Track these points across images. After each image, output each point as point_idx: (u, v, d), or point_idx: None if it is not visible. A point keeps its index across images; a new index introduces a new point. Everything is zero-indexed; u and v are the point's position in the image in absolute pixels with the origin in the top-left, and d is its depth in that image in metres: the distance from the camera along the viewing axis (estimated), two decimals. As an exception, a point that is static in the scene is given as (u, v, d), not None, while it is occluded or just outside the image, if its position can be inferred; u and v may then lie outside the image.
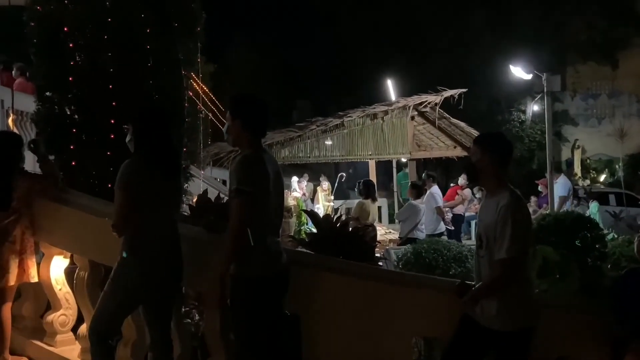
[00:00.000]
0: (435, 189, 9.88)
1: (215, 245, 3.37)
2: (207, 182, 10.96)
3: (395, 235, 10.91)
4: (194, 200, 4.51)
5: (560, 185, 11.20)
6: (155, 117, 3.42)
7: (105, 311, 3.29)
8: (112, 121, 4.69)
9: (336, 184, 15.81)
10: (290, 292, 3.18)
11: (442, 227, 9.73)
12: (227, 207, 3.13)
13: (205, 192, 4.40)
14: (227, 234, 2.97)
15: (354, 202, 10.05)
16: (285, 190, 10.92)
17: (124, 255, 3.25)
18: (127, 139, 3.37)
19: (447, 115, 13.58)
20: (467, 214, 12.99)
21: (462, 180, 12.53)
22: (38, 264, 4.28)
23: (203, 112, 10.86)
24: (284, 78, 25.78)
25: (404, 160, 15.59)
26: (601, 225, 6.59)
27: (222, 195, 4.36)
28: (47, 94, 4.94)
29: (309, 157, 12.33)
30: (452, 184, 13.94)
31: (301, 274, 3.35)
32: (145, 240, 3.26)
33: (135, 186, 3.19)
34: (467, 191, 12.48)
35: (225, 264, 2.96)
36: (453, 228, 11.40)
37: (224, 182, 15.22)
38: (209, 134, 14.65)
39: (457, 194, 12.40)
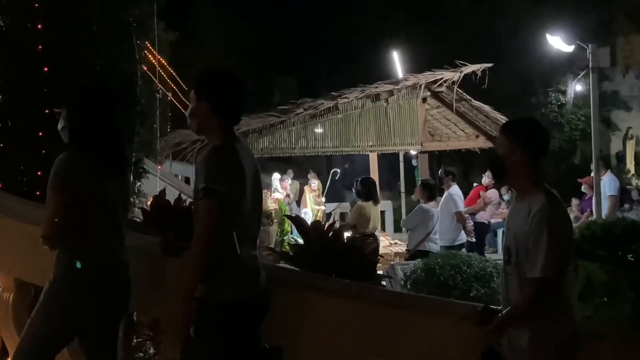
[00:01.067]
0: (455, 190, 9.90)
1: (176, 260, 3.35)
2: (165, 179, 10.91)
3: (402, 247, 10.89)
4: (149, 202, 4.49)
5: (607, 184, 11.25)
6: (97, 98, 3.40)
7: (33, 342, 3.27)
8: (46, 107, 4.67)
9: (328, 183, 15.82)
10: (270, 319, 3.18)
11: (463, 237, 9.76)
12: (191, 211, 3.12)
13: (163, 192, 4.38)
14: (193, 246, 2.96)
15: (350, 206, 10.04)
16: (264, 191, 10.93)
17: (59, 272, 3.23)
18: (60, 126, 3.35)
19: (468, 96, 13.60)
20: (492, 221, 13.03)
21: (486, 179, 12.56)
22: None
23: (160, 91, 10.81)
24: (263, 49, 25.73)
25: (413, 152, 15.62)
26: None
27: (184, 197, 4.34)
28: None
29: (294, 148, 12.29)
30: (474, 184, 13.97)
31: (284, 296, 3.35)
32: (85, 254, 3.24)
33: (72, 186, 3.17)
34: (493, 192, 12.52)
35: (189, 284, 2.95)
36: (474, 239, 11.43)
37: (187, 180, 15.23)
38: (168, 118, 14.61)
39: (479, 196, 12.45)
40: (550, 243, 2.89)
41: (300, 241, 4.27)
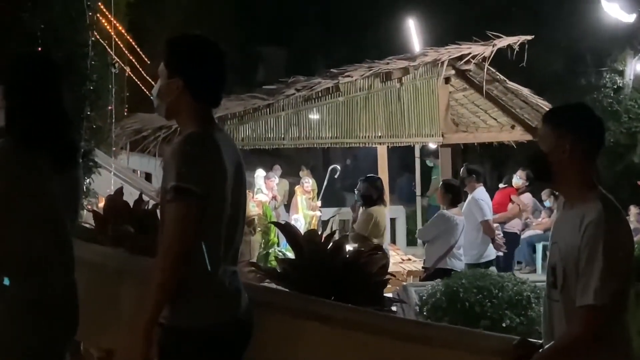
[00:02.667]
0: (480, 193, 9.90)
1: (136, 278, 3.36)
2: (121, 175, 10.90)
3: (417, 265, 10.91)
4: (101, 204, 4.49)
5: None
6: (38, 73, 3.39)
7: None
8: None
9: (325, 183, 15.80)
10: (252, 352, 3.19)
11: (492, 252, 9.79)
12: (156, 216, 3.12)
13: (120, 191, 4.38)
14: (157, 260, 2.97)
15: (352, 210, 10.04)
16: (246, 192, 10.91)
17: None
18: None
19: (502, 76, 13.62)
20: (529, 233, 13.05)
21: (517, 179, 12.58)
22: None
23: (117, 64, 10.80)
24: (245, 13, 25.70)
25: (432, 146, 15.62)
26: None
27: (146, 198, 4.34)
28: None
29: (283, 139, 12.27)
30: (499, 185, 13.98)
31: (270, 323, 3.37)
32: (21, 269, 3.23)
33: (6, 184, 3.16)
34: (528, 197, 12.55)
35: (152, 307, 2.95)
36: (502, 253, 11.45)
37: (148, 177, 15.21)
38: (126, 99, 14.60)
39: (510, 200, 12.47)
40: (608, 262, 2.89)
41: (290, 255, 4.27)
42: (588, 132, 3.12)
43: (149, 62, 15.91)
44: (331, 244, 4.14)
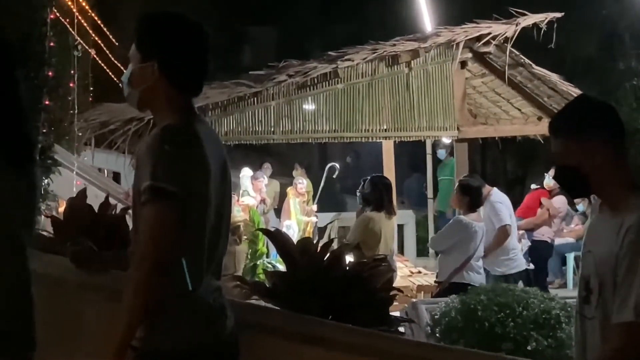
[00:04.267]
0: (496, 195, 9.94)
1: (103, 294, 3.35)
2: (85, 175, 10.90)
3: (429, 279, 10.91)
4: (61, 208, 4.49)
5: None
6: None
7: None
8: None
9: (322, 184, 15.81)
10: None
11: (520, 263, 9.82)
12: (125, 222, 3.11)
13: (83, 193, 4.38)
14: (130, 273, 2.97)
15: (354, 217, 10.02)
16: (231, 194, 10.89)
17: None
18: None
19: (527, 60, 13.63)
20: (558, 242, 13.04)
21: (550, 179, 12.57)
22: None
23: (79, 46, 10.79)
24: (229, -13, 25.74)
25: (447, 141, 15.64)
26: None
27: (113, 201, 4.34)
28: None
29: (274, 133, 12.25)
30: (531, 186, 14.00)
31: (259, 347, 3.38)
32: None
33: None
34: (560, 200, 12.55)
35: (124, 327, 2.95)
36: (533, 266, 11.47)
37: (117, 177, 15.21)
38: (90, 87, 14.59)
39: (540, 204, 12.47)
40: (651, 274, 2.91)
41: (282, 268, 4.27)
42: (610, 127, 3.13)
43: (117, 44, 15.89)
44: (328, 254, 4.14)
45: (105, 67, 15.18)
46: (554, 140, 3.16)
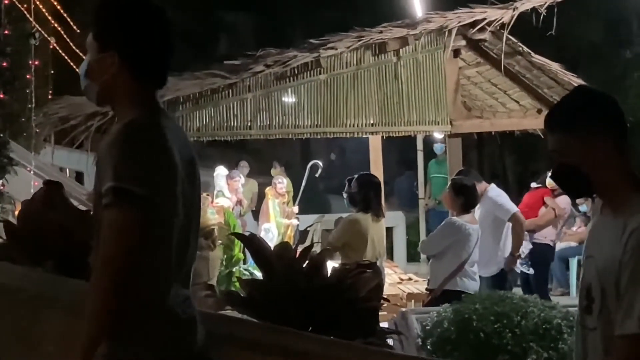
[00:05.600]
0: (494, 190, 9.97)
1: (63, 305, 3.34)
2: (44, 175, 10.87)
3: (420, 286, 10.94)
4: (16, 211, 4.48)
5: None
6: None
7: None
8: None
9: (304, 183, 15.82)
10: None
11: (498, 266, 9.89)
12: (86, 226, 3.10)
13: (41, 194, 4.36)
14: (93, 282, 2.96)
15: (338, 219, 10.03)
16: (204, 195, 10.84)
17: None
18: None
19: (525, 48, 13.66)
20: (560, 245, 13.08)
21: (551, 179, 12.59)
22: None
23: (38, 35, 10.76)
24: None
25: (439, 136, 15.66)
26: None
27: (75, 202, 4.33)
28: None
29: (250, 128, 12.24)
30: (533, 185, 14.02)
31: (232, 362, 3.35)
32: None
33: None
34: (564, 200, 12.58)
35: (87, 343, 2.94)
36: (532, 271, 11.51)
37: (79, 177, 15.16)
38: (50, 79, 14.54)
39: (543, 203, 12.50)
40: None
41: (259, 275, 4.26)
42: (612, 121, 3.13)
43: (79, 32, 15.84)
44: (308, 260, 4.14)
45: (66, 57, 15.11)
46: (551, 136, 3.16)
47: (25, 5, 9.99)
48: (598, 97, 3.20)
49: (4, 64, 5.82)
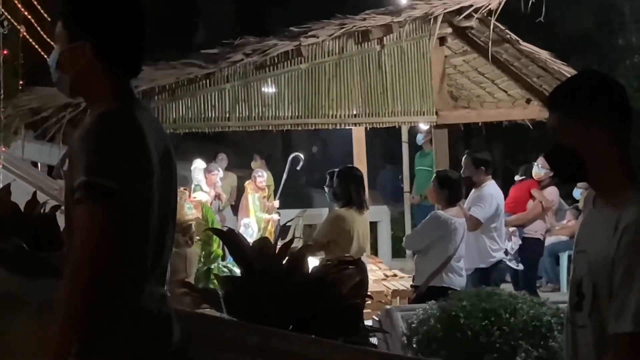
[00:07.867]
0: (490, 187, 9.98)
1: (31, 306, 3.33)
2: (13, 169, 10.84)
3: (405, 283, 10.95)
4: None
5: None
6: None
7: None
8: None
9: (285, 176, 15.81)
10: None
11: (500, 253, 9.90)
12: (56, 222, 3.09)
13: (7, 189, 4.36)
14: (64, 281, 2.95)
15: (321, 213, 10.05)
16: (180, 189, 10.82)
17: None
18: None
19: (514, 35, 13.68)
20: (550, 240, 13.10)
21: (539, 168, 12.60)
22: None
23: (6, 22, 10.71)
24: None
25: (424, 127, 15.67)
26: None
27: (44, 197, 4.31)
28: None
29: (229, 119, 12.22)
30: (517, 177, 14.04)
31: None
32: None
33: None
34: (552, 192, 12.60)
35: (58, 345, 2.94)
36: (522, 267, 11.54)
37: (50, 171, 15.10)
38: (20, 69, 14.48)
39: (530, 196, 12.53)
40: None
41: (238, 271, 4.25)
42: (618, 109, 3.12)
43: (50, 20, 15.78)
44: (289, 256, 4.14)
45: (36, 46, 15.06)
46: (552, 113, 3.15)
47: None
48: (605, 82, 3.18)
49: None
